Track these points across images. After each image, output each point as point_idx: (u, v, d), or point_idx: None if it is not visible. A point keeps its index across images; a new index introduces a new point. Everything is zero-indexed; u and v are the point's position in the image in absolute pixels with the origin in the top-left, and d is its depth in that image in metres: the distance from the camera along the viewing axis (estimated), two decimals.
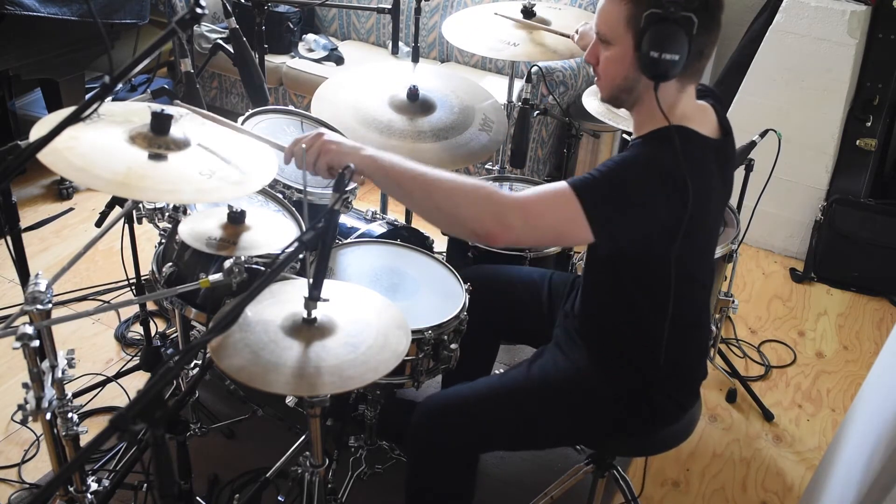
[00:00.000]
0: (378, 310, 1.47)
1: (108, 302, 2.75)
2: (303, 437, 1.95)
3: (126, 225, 2.09)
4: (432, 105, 2.28)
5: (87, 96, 1.47)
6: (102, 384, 2.36)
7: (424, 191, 1.37)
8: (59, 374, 1.39)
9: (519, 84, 2.77)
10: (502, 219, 1.35)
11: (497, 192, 1.37)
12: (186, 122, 1.53)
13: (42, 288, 1.32)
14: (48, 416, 1.38)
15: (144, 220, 1.85)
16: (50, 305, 1.31)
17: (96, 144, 1.37)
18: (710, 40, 1.39)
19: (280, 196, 1.93)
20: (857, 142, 3.18)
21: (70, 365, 1.42)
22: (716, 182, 1.46)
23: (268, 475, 1.92)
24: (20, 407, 1.33)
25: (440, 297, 1.86)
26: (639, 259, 1.48)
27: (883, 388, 1.66)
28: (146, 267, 2.11)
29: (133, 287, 2.54)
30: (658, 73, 1.35)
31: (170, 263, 1.81)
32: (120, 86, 1.11)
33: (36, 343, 1.27)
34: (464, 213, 1.37)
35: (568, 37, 2.20)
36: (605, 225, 1.35)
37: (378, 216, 2.28)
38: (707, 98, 1.54)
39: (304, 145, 1.41)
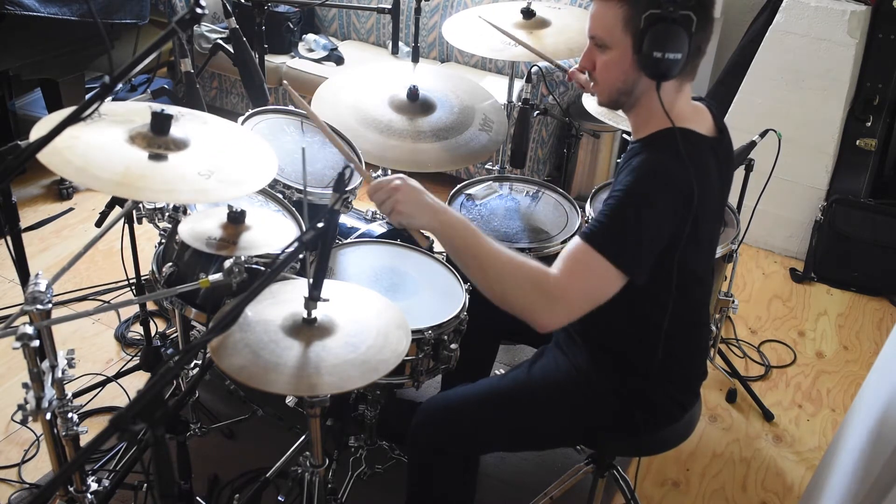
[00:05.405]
0: (378, 310, 1.47)
1: (108, 302, 2.75)
2: (303, 437, 1.95)
3: (126, 225, 2.09)
4: (432, 105, 2.28)
5: (87, 96, 1.47)
6: (102, 384, 2.36)
7: (480, 270, 1.39)
8: (59, 374, 1.39)
9: (519, 84, 2.77)
10: (551, 314, 1.37)
11: (543, 281, 1.36)
12: (186, 122, 1.54)
13: (42, 288, 1.32)
14: (48, 416, 1.38)
15: (144, 220, 1.85)
16: (50, 305, 1.31)
17: (96, 144, 1.37)
18: (706, 37, 1.41)
19: (280, 196, 1.94)
20: (857, 142, 3.18)
21: (70, 365, 1.42)
22: (715, 180, 1.46)
23: (268, 475, 1.92)
24: (20, 407, 1.33)
25: (440, 297, 1.86)
26: None
27: (883, 388, 1.66)
28: (146, 267, 2.11)
29: (133, 287, 2.54)
30: (661, 73, 1.36)
31: (170, 263, 1.81)
32: (120, 86, 1.11)
33: (36, 343, 1.27)
34: (515, 302, 1.38)
35: (563, 70, 2.10)
36: (635, 265, 1.37)
37: (378, 216, 2.28)
38: (700, 101, 1.54)
39: (381, 193, 1.41)
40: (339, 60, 3.69)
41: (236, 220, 1.55)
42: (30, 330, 1.25)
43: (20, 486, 2.08)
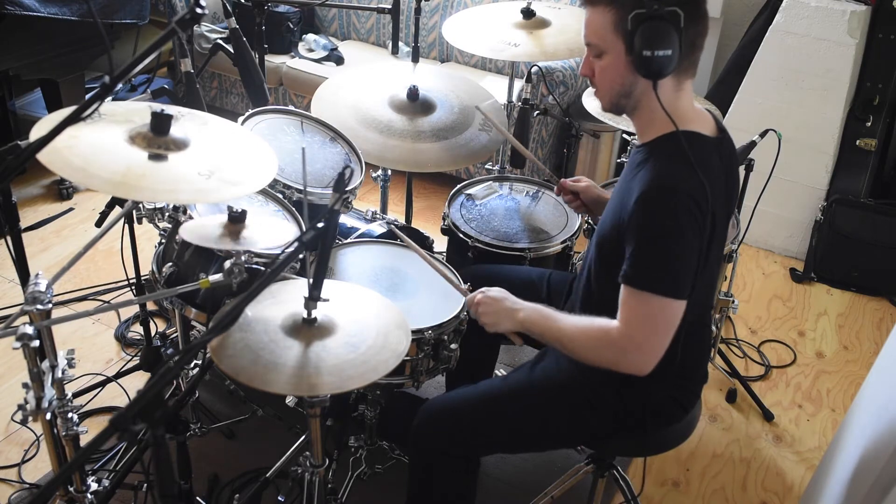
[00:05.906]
0: (378, 310, 1.47)
1: (108, 302, 2.75)
2: (303, 437, 1.95)
3: (126, 225, 2.09)
4: (432, 105, 2.28)
5: (87, 96, 1.47)
6: (102, 384, 2.36)
7: (563, 347, 1.51)
8: (59, 374, 1.39)
9: (519, 84, 2.77)
10: (633, 363, 1.43)
11: (610, 338, 1.43)
12: (186, 122, 1.54)
13: (42, 288, 1.32)
14: (48, 416, 1.38)
15: (144, 220, 1.85)
16: (50, 305, 1.31)
17: (96, 144, 1.37)
18: (699, 31, 1.41)
19: (280, 196, 1.94)
20: (857, 142, 3.18)
21: (70, 365, 1.42)
22: (721, 181, 1.46)
23: (268, 475, 1.92)
24: (20, 407, 1.33)
25: (440, 297, 1.86)
26: None
27: (883, 388, 1.66)
28: (146, 267, 2.11)
29: (133, 287, 2.54)
30: (653, 71, 1.36)
31: (170, 263, 1.81)
32: (120, 86, 1.11)
33: (36, 343, 1.27)
34: (599, 363, 1.47)
35: (555, 181, 2.03)
36: (685, 286, 1.40)
37: (378, 216, 2.27)
38: None
39: (472, 308, 1.61)
40: (339, 60, 3.69)
41: (236, 220, 1.55)
42: (30, 330, 1.25)
43: (20, 486, 2.07)
